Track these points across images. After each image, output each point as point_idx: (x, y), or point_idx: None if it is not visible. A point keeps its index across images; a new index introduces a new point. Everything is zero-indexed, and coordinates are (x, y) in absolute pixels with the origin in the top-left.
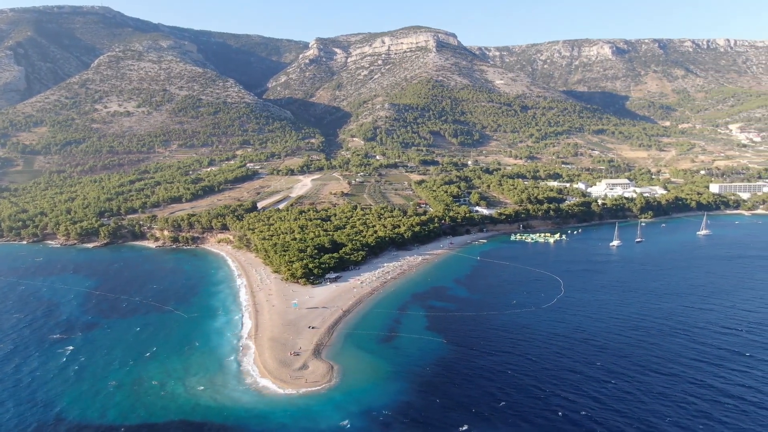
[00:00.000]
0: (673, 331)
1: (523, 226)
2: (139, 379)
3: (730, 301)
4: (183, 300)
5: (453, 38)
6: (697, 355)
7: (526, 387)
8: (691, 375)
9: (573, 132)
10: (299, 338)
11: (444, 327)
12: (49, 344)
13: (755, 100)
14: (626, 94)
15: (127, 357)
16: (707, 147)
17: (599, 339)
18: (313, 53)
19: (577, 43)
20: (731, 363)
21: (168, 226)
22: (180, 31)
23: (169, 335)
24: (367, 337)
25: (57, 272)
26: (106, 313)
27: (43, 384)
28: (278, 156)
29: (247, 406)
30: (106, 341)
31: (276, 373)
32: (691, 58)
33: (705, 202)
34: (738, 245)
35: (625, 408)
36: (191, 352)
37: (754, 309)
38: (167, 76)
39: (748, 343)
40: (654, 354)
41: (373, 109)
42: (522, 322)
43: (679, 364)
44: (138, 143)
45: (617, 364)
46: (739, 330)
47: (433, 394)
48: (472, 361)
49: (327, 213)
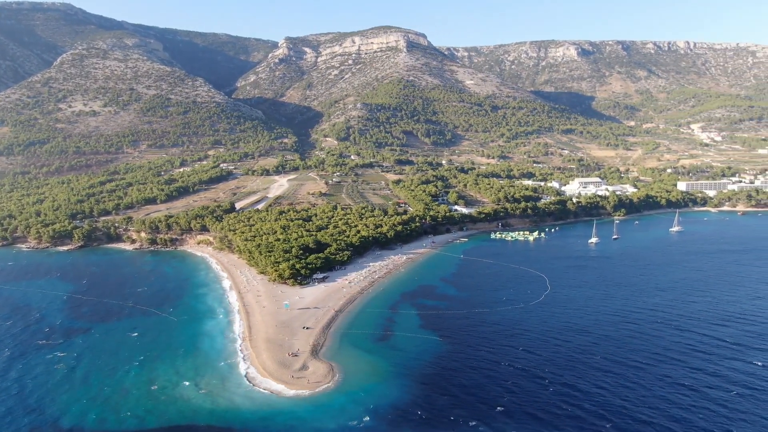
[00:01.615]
0: (662, 323)
1: (501, 225)
2: (137, 384)
3: (711, 295)
4: (170, 303)
5: (423, 38)
6: (688, 345)
7: (529, 380)
8: (686, 363)
9: (543, 132)
10: (295, 339)
11: (438, 325)
12: (36, 350)
13: (715, 100)
14: (592, 94)
15: (121, 362)
16: (671, 146)
17: (592, 332)
18: (282, 52)
19: (543, 44)
20: (722, 351)
21: (145, 228)
22: (145, 29)
23: (161, 339)
24: (362, 337)
25: (33, 276)
26: (91, 318)
27: (36, 391)
28: (252, 156)
29: (253, 408)
30: (96, 346)
31: (277, 374)
32: (653, 59)
33: (674, 199)
34: (709, 241)
35: (630, 397)
36: (186, 355)
37: (734, 301)
38: (134, 74)
39: (734, 333)
40: (647, 345)
41: (345, 109)
42: (514, 319)
43: (673, 354)
44: (105, 143)
45: (613, 355)
46: (724, 321)
47: (438, 391)
48: (472, 357)
49: (308, 213)
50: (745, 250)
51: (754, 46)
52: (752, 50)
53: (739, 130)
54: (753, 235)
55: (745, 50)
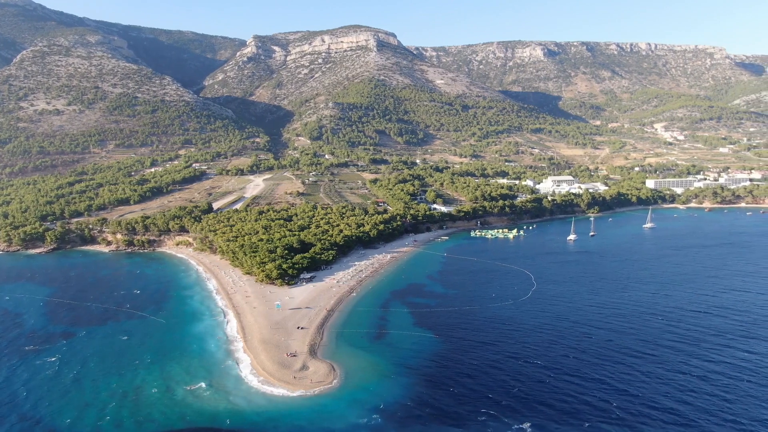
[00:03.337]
0: (649, 315)
1: (480, 223)
2: (136, 388)
3: (690, 287)
4: (156, 305)
5: (393, 38)
6: (676, 334)
7: (531, 373)
8: (678, 351)
9: (513, 131)
10: (291, 339)
11: (431, 322)
12: (25, 357)
13: (676, 100)
14: (558, 94)
15: (116, 366)
16: (637, 145)
17: (584, 325)
18: (251, 51)
19: (510, 45)
20: (707, 341)
21: (121, 230)
22: (107, 26)
23: (154, 342)
24: (357, 336)
25: (6, 281)
26: (76, 322)
27: (30, 398)
28: (224, 156)
29: (259, 410)
30: (87, 351)
31: (278, 375)
32: (616, 60)
33: (644, 197)
34: (682, 237)
35: (630, 384)
36: (183, 358)
37: (713, 293)
38: (99, 72)
39: (717, 322)
40: (638, 335)
41: (317, 108)
42: (506, 315)
43: (664, 343)
44: (71, 143)
45: (607, 346)
46: (706, 312)
47: (442, 387)
48: (470, 353)
49: (288, 213)
50: (717, 244)
51: (711, 48)
52: (710, 52)
53: (700, 129)
54: (722, 231)
55: (703, 52)
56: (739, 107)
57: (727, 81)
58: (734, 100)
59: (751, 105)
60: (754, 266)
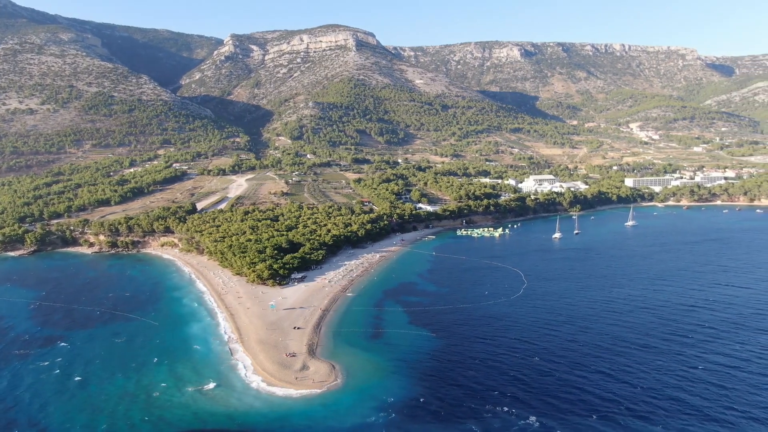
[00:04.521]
0: (640, 310)
1: (465, 222)
2: (145, 390)
3: (677, 283)
4: (147, 307)
5: (372, 37)
6: (668, 329)
7: (534, 367)
8: (671, 346)
9: (492, 130)
10: (288, 339)
11: (426, 321)
12: (23, 360)
13: (650, 101)
14: (535, 94)
15: (121, 368)
16: (614, 144)
17: (578, 321)
18: (228, 50)
19: (488, 45)
20: (698, 333)
21: (104, 231)
22: (80, 24)
23: (149, 344)
24: (355, 335)
25: None
26: (67, 325)
27: (33, 403)
28: (205, 156)
29: (265, 411)
30: (83, 354)
31: (279, 375)
32: (591, 61)
33: (624, 195)
34: (663, 234)
35: (631, 377)
36: (181, 360)
37: (699, 288)
38: (73, 71)
39: (707, 317)
40: (632, 330)
41: (297, 108)
42: (500, 312)
43: (657, 336)
44: (46, 143)
45: (604, 341)
46: (694, 307)
47: (445, 383)
48: (470, 349)
49: (274, 213)
50: (699, 241)
51: (683, 50)
52: (682, 53)
53: (674, 129)
54: (701, 228)
55: (675, 53)
56: (710, 107)
57: (699, 82)
58: (706, 100)
59: (722, 105)
60: (735, 262)
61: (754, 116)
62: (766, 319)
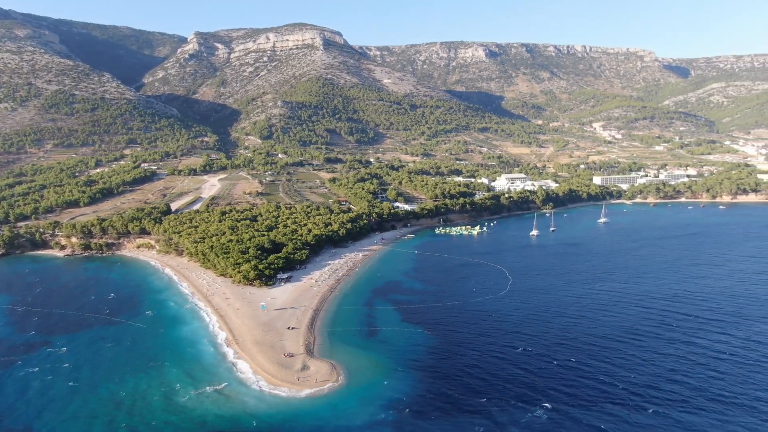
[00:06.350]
0: (625, 303)
1: (443, 220)
2: (142, 395)
3: (655, 276)
4: (131, 310)
5: (339, 37)
6: (655, 319)
7: (533, 360)
8: (660, 335)
9: (460, 130)
10: (284, 340)
11: (419, 318)
12: (8, 367)
13: (612, 101)
14: (501, 94)
15: (113, 373)
16: (579, 143)
17: (569, 314)
18: (192, 48)
19: (453, 45)
20: (682, 325)
21: (76, 233)
22: (36, 20)
23: (144, 347)
24: (350, 334)
25: None
26: (51, 330)
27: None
28: (174, 156)
29: (271, 412)
30: (76, 359)
31: (280, 376)
32: (554, 61)
33: (593, 193)
34: (635, 230)
35: (628, 369)
36: (179, 362)
37: (677, 281)
38: (31, 68)
39: (688, 307)
40: (621, 321)
41: (265, 107)
42: (491, 308)
43: (644, 329)
44: (5, 143)
45: (596, 332)
46: (675, 298)
47: (450, 378)
48: (467, 345)
49: (252, 213)
50: (670, 236)
51: (642, 51)
52: (640, 55)
53: (635, 128)
54: (670, 224)
55: (634, 55)
56: (669, 107)
57: (657, 83)
58: (664, 100)
59: (680, 105)
60: (707, 255)
61: (710, 116)
62: (744, 307)
